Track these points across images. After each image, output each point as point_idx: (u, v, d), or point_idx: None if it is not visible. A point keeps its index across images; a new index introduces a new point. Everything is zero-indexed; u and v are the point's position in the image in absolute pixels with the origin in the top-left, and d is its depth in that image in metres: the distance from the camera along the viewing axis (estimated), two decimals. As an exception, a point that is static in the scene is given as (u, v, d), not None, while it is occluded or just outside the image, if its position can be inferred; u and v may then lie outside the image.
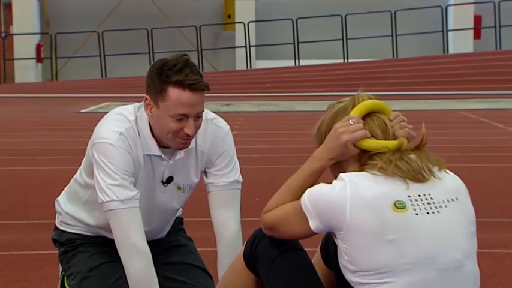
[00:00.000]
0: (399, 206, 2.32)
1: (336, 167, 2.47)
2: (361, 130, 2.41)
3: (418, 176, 2.37)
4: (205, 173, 3.15)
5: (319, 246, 2.78)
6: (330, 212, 2.34)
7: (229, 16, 24.83)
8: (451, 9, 23.42)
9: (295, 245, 2.59)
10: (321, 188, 2.38)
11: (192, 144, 3.07)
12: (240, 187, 3.15)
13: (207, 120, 3.11)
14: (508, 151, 8.99)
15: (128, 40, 23.09)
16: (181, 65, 2.90)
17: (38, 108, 15.91)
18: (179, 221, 3.40)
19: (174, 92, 2.90)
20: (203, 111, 2.98)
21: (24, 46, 22.95)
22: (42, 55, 23.43)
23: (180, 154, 3.05)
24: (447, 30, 23.16)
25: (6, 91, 19.86)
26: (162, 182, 3.08)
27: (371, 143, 2.40)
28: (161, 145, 3.04)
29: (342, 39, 22.59)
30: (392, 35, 22.63)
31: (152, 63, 2.98)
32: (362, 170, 2.39)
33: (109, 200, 2.95)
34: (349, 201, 2.31)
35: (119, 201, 2.94)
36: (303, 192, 2.42)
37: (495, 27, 22.53)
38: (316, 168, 2.46)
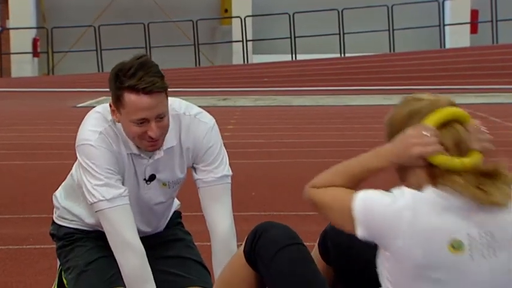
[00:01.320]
0: (456, 246, 2.17)
1: (400, 168, 2.32)
2: (435, 145, 2.23)
3: (493, 202, 2.19)
4: (194, 168, 3.13)
5: (317, 242, 2.78)
6: (382, 230, 2.20)
7: (226, 10, 24.81)
8: (447, 3, 23.42)
9: (295, 239, 2.58)
10: (378, 199, 2.23)
11: (173, 141, 3.06)
12: (229, 181, 3.13)
13: (191, 115, 3.09)
14: (505, 145, 9.00)
15: (125, 34, 23.06)
16: (135, 69, 2.85)
17: (34, 102, 15.89)
18: (177, 215, 3.40)
19: (129, 98, 2.87)
20: (165, 111, 2.92)
21: (20, 40, 22.92)
22: (39, 49, 23.40)
23: (159, 154, 3.04)
24: (444, 25, 23.15)
25: (3, 85, 19.83)
26: (144, 179, 3.08)
27: (444, 160, 2.23)
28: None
29: (339, 33, 22.58)
30: (389, 30, 22.63)
31: (115, 66, 2.92)
32: (432, 182, 2.23)
33: (96, 200, 2.96)
34: (405, 228, 2.17)
35: (106, 201, 2.95)
36: (354, 182, 2.31)
37: (492, 21, 22.54)
38: (375, 167, 2.32)
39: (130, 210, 2.98)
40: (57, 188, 3.33)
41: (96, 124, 3.00)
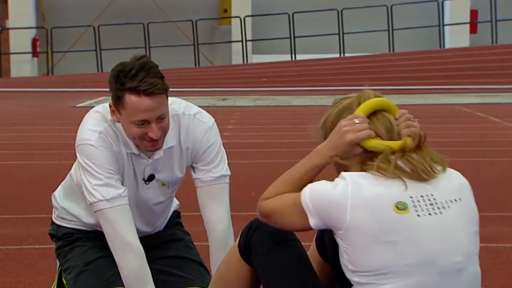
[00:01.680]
0: (401, 207, 2.31)
1: (339, 164, 2.45)
2: (366, 130, 2.39)
3: (420, 175, 2.35)
4: (192, 168, 3.13)
5: (314, 238, 2.79)
6: (330, 211, 2.32)
7: (225, 10, 24.81)
8: (447, 3, 23.43)
9: (290, 235, 2.60)
10: (322, 186, 2.37)
11: (173, 141, 3.06)
12: (227, 181, 3.13)
13: (190, 115, 3.08)
14: (504, 145, 8.99)
15: (124, 34, 23.07)
16: (136, 70, 2.84)
17: (34, 102, 15.89)
18: (176, 215, 3.40)
19: (130, 99, 2.86)
20: (165, 112, 2.92)
21: (20, 40, 22.92)
22: (38, 49, 23.40)
23: (159, 154, 3.03)
24: (443, 25, 23.16)
25: (2, 85, 19.83)
26: (143, 179, 3.08)
27: (375, 143, 2.38)
28: None
29: (339, 33, 22.58)
30: (388, 30, 22.63)
31: (114, 67, 2.92)
32: (364, 170, 2.37)
33: (96, 200, 2.96)
34: (350, 201, 2.30)
35: (106, 201, 2.95)
36: (302, 185, 2.42)
37: (491, 21, 22.54)
38: (317, 164, 2.45)
39: (129, 210, 2.97)
40: (56, 188, 3.33)
41: (96, 124, 2.99)
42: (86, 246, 3.20)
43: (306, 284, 2.54)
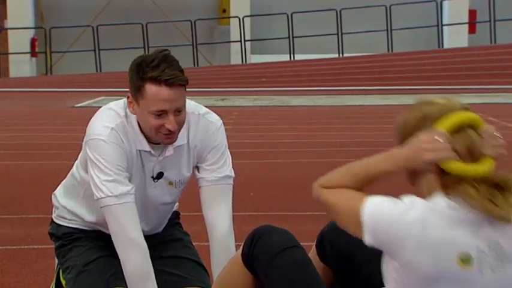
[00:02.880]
0: (465, 259, 2.16)
1: (411, 172, 2.30)
2: (447, 151, 2.20)
3: (502, 215, 2.15)
4: (197, 167, 3.15)
5: (314, 243, 2.78)
6: (390, 241, 2.19)
7: (224, 10, 24.81)
8: (446, 3, 23.43)
9: (294, 242, 2.58)
10: (388, 209, 2.20)
11: (184, 140, 3.08)
12: (232, 182, 3.14)
13: (199, 115, 3.11)
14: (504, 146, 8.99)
15: (123, 34, 23.06)
16: (158, 61, 2.89)
17: (33, 102, 15.88)
18: (175, 215, 3.41)
19: (151, 89, 2.90)
20: (183, 105, 2.95)
21: (18, 40, 22.90)
22: (37, 49, 23.38)
23: (169, 151, 3.05)
24: (442, 25, 23.16)
25: (1, 85, 19.83)
26: (152, 177, 3.09)
27: (456, 167, 2.20)
28: (151, 141, 3.04)
29: (337, 33, 22.58)
30: (387, 30, 22.64)
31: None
32: (443, 190, 2.21)
33: (104, 196, 2.96)
34: (413, 240, 2.15)
35: (114, 197, 2.95)
36: (364, 184, 2.29)
37: (490, 21, 22.55)
38: (385, 170, 2.29)
39: (135, 208, 2.99)
40: (57, 188, 3.33)
41: (109, 120, 3.01)
42: (85, 246, 3.21)
43: None
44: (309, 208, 5.44)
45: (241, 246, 2.65)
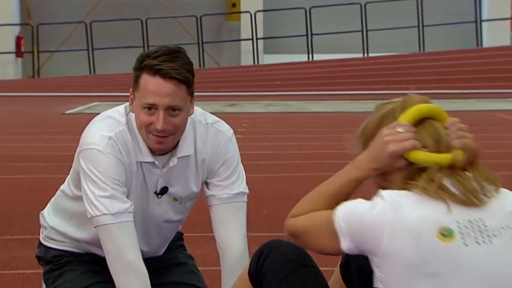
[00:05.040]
0: (445, 233, 2.26)
1: (379, 178, 2.42)
2: (411, 140, 2.35)
3: (471, 200, 2.30)
4: (206, 183, 3.16)
5: (338, 264, 2.78)
6: (365, 235, 2.30)
7: (233, 5, 24.86)
8: (485, -4, 23.43)
9: (306, 261, 2.58)
10: (358, 206, 2.34)
11: (190, 150, 3.08)
12: (245, 199, 3.16)
13: (208, 124, 3.12)
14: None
15: (120, 32, 23.14)
16: (161, 52, 2.93)
17: (17, 108, 15.95)
18: (178, 236, 3.41)
19: (144, 79, 2.94)
20: (182, 106, 2.95)
21: (1, 38, 22.99)
22: (23, 49, 23.48)
23: (173, 161, 3.06)
24: (481, 21, 23.14)
25: (-18, 89, 19.91)
26: (155, 192, 3.10)
27: (420, 155, 2.33)
28: (154, 152, 3.05)
29: (362, 30, 22.59)
30: (418, 26, 22.62)
31: None
32: (407, 188, 2.33)
33: (99, 213, 2.97)
34: (388, 226, 2.27)
35: (110, 215, 2.96)
36: (336, 202, 2.40)
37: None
38: (355, 178, 2.42)
39: (134, 228, 2.99)
40: (45, 206, 3.34)
41: (107, 128, 3.02)
42: (78, 271, 3.21)
43: None
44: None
45: (249, 263, 2.66)
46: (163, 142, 2.99)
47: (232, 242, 3.09)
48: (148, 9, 23.87)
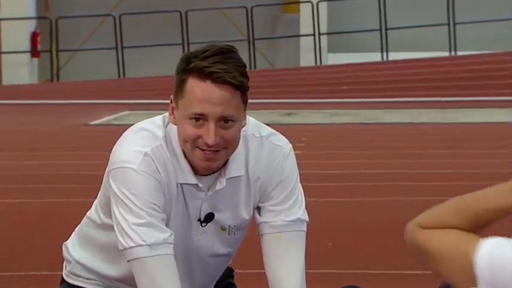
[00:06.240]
0: None
1: None
2: None
3: None
4: (258, 208, 3.16)
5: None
6: None
7: (291, -7, 24.90)
8: None
9: None
10: (508, 255, 2.25)
11: (241, 170, 3.09)
12: (304, 228, 3.15)
13: (262, 137, 3.12)
14: None
15: (154, 27, 23.26)
16: (211, 52, 2.94)
17: (32, 119, 16.07)
18: (228, 273, 3.41)
19: (191, 84, 2.95)
20: (235, 117, 2.96)
21: (15, 35, 23.15)
22: (39, 47, 23.64)
23: (221, 183, 3.06)
24: None
25: (-9, 96, 20.12)
26: (199, 220, 3.10)
27: None
28: (198, 171, 3.05)
29: (448, 23, 22.48)
30: (516, 18, 22.47)
31: None
32: None
33: (133, 245, 2.98)
34: None
35: (146, 247, 2.97)
36: (476, 224, 2.33)
37: None
38: (503, 208, 2.33)
39: (174, 262, 3.00)
40: (67, 236, 3.35)
41: (141, 143, 3.03)
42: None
43: None
44: (409, 265, 5.40)
45: None
46: (214, 159, 3.00)
47: (287, 279, 3.09)
48: (189, -1, 23.98)
